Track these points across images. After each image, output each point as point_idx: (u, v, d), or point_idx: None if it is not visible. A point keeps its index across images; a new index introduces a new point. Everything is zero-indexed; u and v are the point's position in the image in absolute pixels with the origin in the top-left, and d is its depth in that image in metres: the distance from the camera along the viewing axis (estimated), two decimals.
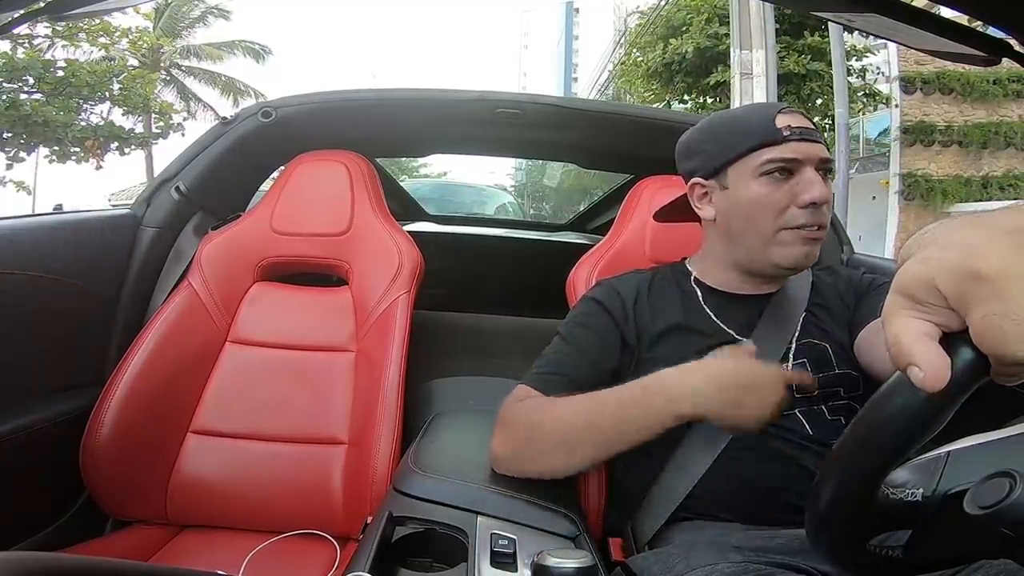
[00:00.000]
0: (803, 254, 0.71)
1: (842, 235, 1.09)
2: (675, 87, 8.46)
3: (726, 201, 0.75)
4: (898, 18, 0.52)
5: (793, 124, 0.70)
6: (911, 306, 0.29)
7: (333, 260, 1.05)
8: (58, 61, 8.17)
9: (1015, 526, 0.31)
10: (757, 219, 0.72)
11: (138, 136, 9.28)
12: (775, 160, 0.70)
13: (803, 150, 0.69)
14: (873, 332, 0.68)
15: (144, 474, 0.87)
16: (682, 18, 8.24)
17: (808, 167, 0.70)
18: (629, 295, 0.78)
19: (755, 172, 0.71)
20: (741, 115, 0.75)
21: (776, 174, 0.70)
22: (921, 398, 0.30)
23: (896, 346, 0.29)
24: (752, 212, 0.72)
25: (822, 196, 0.68)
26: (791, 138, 0.69)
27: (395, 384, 0.88)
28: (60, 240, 0.92)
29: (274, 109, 1.09)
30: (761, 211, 0.71)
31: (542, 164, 8.67)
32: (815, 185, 0.69)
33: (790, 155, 0.69)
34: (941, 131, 10.94)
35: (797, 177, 0.70)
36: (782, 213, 0.70)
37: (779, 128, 0.70)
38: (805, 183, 0.69)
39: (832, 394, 0.70)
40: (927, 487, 0.36)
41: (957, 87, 10.19)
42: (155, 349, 0.90)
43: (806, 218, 0.69)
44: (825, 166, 0.71)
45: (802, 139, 0.70)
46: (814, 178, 0.69)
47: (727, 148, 0.74)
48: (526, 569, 0.48)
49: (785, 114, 0.71)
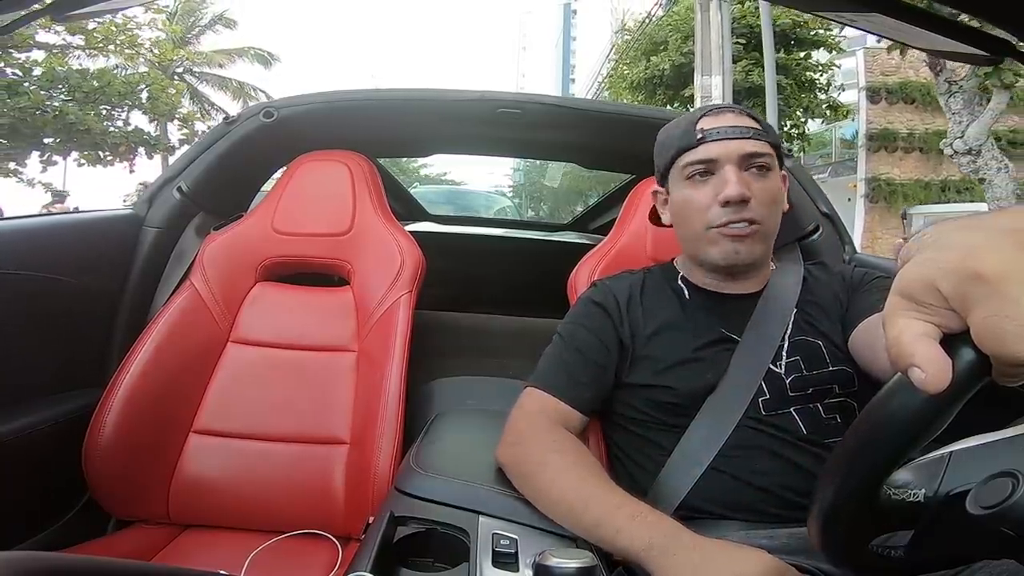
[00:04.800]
0: (732, 251, 0.72)
1: (844, 234, 1.09)
2: (657, 98, 9.63)
3: (672, 206, 0.79)
4: (900, 18, 0.52)
5: (712, 125, 0.73)
6: (911, 307, 0.29)
7: (335, 260, 1.05)
8: (90, 71, 8.82)
9: (1017, 526, 0.31)
10: (688, 220, 0.75)
11: (164, 142, 9.89)
12: (692, 163, 0.73)
13: (719, 150, 0.71)
14: (869, 328, 0.68)
15: (146, 474, 0.87)
16: (663, 36, 9.51)
17: (727, 165, 0.71)
18: (623, 296, 0.79)
19: (681, 176, 0.75)
20: (672, 124, 0.80)
21: (697, 176, 0.73)
22: (922, 399, 0.30)
23: (897, 347, 0.29)
24: (683, 214, 0.76)
25: (737, 194, 0.69)
26: (707, 139, 0.72)
27: (396, 384, 0.88)
28: (62, 240, 0.93)
29: (276, 109, 1.10)
30: (689, 212, 0.75)
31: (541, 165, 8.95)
32: (730, 183, 0.70)
33: (706, 156, 0.72)
34: (904, 138, 12.04)
35: (717, 176, 0.72)
36: (706, 212, 0.72)
37: (696, 131, 0.73)
38: (722, 181, 0.71)
39: (827, 392, 0.70)
40: (929, 488, 0.36)
41: (919, 96, 10.99)
42: (157, 349, 0.90)
43: (728, 215, 0.71)
44: (752, 162, 0.72)
45: (721, 138, 0.71)
46: (731, 176, 0.70)
47: (663, 156, 0.78)
48: (528, 569, 0.48)
49: (710, 116, 0.74)
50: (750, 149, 0.71)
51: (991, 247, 0.26)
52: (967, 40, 0.54)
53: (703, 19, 6.99)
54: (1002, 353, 0.25)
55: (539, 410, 0.70)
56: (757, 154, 0.71)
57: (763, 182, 0.72)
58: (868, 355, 0.67)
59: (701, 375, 0.71)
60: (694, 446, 0.69)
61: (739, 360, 0.71)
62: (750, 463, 0.66)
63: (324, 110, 1.13)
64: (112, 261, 1.00)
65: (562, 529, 0.56)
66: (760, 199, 0.71)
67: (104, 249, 0.99)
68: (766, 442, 0.67)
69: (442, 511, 0.57)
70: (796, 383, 0.70)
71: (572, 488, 0.57)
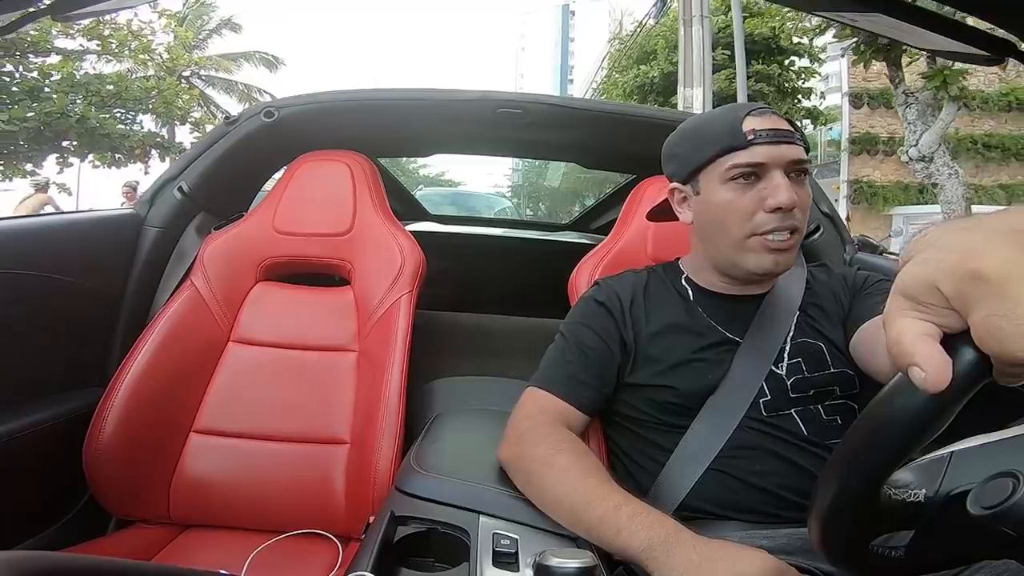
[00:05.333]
0: (772, 262, 0.70)
1: (844, 235, 1.09)
2: (648, 104, 10.18)
3: (700, 206, 0.75)
4: (902, 18, 0.52)
5: (760, 127, 0.69)
6: (912, 307, 0.29)
7: (335, 260, 1.05)
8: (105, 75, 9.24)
9: (1018, 526, 0.31)
10: (726, 225, 0.72)
11: (178, 145, 10.19)
12: (739, 165, 0.69)
13: (769, 153, 0.68)
14: (870, 331, 0.68)
15: (147, 474, 0.88)
16: (652, 45, 10.15)
17: (776, 170, 0.68)
18: (626, 295, 0.79)
19: (722, 177, 0.71)
20: (709, 119, 0.75)
21: (741, 179, 0.70)
22: (923, 399, 0.30)
23: (898, 346, 0.29)
24: (721, 218, 0.72)
25: (788, 201, 0.67)
26: (756, 142, 0.69)
27: (397, 384, 0.88)
28: (63, 240, 0.93)
29: (276, 109, 1.10)
30: (729, 217, 0.71)
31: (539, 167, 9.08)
32: (781, 189, 0.67)
33: (755, 159, 0.69)
34: (884, 142, 12.65)
35: (764, 181, 0.69)
36: (750, 218, 0.70)
37: (744, 132, 0.69)
38: (772, 187, 0.68)
39: (828, 393, 0.70)
40: (930, 488, 0.36)
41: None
42: (158, 349, 0.90)
43: (774, 223, 0.68)
44: (797, 168, 0.70)
45: (769, 142, 0.69)
46: (781, 182, 0.68)
47: (696, 154, 0.74)
48: (528, 569, 0.48)
49: (754, 116, 0.71)
50: (796, 155, 0.69)
51: (991, 247, 0.26)
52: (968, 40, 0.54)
53: (686, 34, 7.12)
54: (1002, 353, 0.25)
55: (541, 410, 0.70)
56: (801, 160, 0.70)
57: (802, 188, 0.70)
58: (869, 358, 0.67)
59: (703, 376, 0.71)
60: (695, 446, 0.69)
61: (741, 361, 0.71)
62: (751, 464, 0.66)
63: (325, 110, 1.13)
64: (113, 261, 1.00)
65: (562, 529, 0.56)
66: (801, 206, 0.69)
67: (105, 249, 0.99)
68: (767, 443, 0.67)
69: (442, 511, 0.57)
70: (797, 384, 0.70)
71: (573, 488, 0.57)
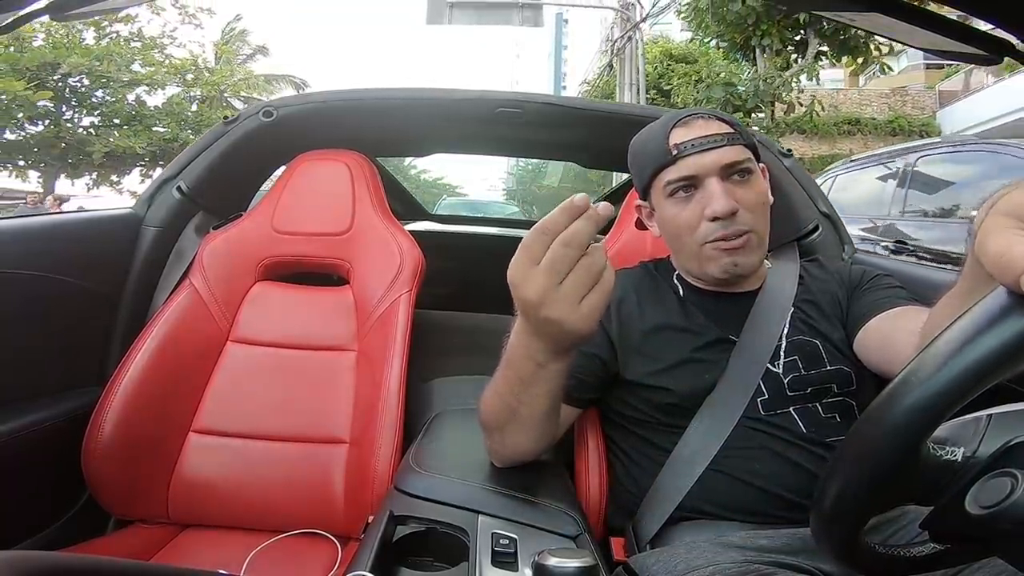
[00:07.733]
0: (731, 264, 0.70)
1: (843, 235, 1.09)
2: None
3: (659, 221, 0.77)
4: (899, 17, 0.52)
5: (684, 138, 0.69)
6: (1017, 224, 0.31)
7: (334, 259, 1.05)
8: None
9: (1017, 525, 0.31)
10: (680, 238, 0.73)
11: None
12: (672, 181, 0.70)
13: (697, 164, 0.69)
14: (881, 327, 0.67)
15: (146, 473, 0.87)
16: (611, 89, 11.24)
17: (710, 178, 0.69)
18: (615, 293, 0.78)
19: (664, 194, 0.72)
20: (646, 137, 0.76)
21: (681, 192, 0.71)
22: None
23: (1007, 257, 0.30)
24: (673, 232, 0.74)
25: (724, 208, 0.67)
26: (682, 155, 0.69)
27: (396, 383, 0.88)
28: (62, 240, 0.93)
29: (275, 109, 1.09)
30: (678, 231, 0.72)
31: (535, 170, 9.22)
32: (715, 198, 0.68)
33: (683, 173, 0.69)
34: None
35: (701, 191, 0.69)
36: (695, 230, 0.70)
37: (669, 147, 0.69)
38: (707, 197, 0.68)
39: (825, 391, 0.70)
40: (968, 447, 0.36)
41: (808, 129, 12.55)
42: (156, 349, 0.90)
43: (719, 230, 0.69)
44: (733, 170, 0.69)
45: (696, 151, 0.68)
46: (715, 189, 0.68)
47: (641, 173, 0.76)
48: (527, 569, 0.48)
49: (679, 127, 0.71)
50: (729, 158, 0.69)
51: None
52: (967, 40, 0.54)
53: (620, 78, 8.33)
54: None
55: None
56: (736, 162, 0.69)
57: (747, 188, 0.70)
58: (878, 353, 0.67)
59: (699, 376, 0.71)
60: (693, 446, 0.69)
61: (737, 360, 0.71)
62: (749, 463, 0.67)
63: (323, 109, 1.13)
64: (111, 260, 1.00)
65: (562, 529, 0.56)
66: (747, 206, 0.69)
67: (103, 248, 0.99)
68: (765, 442, 0.67)
69: (442, 510, 0.57)
70: (794, 383, 0.70)
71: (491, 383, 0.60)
